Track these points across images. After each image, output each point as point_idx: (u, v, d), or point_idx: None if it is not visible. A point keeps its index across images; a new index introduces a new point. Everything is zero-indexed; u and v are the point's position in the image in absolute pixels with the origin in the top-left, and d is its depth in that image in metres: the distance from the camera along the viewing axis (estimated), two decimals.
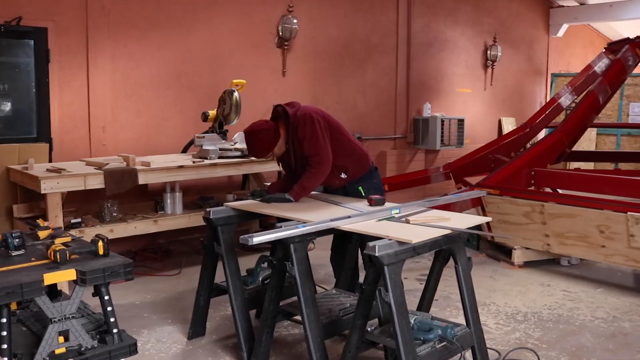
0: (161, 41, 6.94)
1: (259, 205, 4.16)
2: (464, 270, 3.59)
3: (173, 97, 7.08)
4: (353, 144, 4.40)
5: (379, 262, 3.07)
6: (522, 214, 5.89)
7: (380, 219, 3.59)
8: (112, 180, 5.32)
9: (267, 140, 4.18)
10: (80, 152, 6.45)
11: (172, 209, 6.00)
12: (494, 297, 5.33)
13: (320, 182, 4.26)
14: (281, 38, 7.90)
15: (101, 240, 3.32)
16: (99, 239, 3.33)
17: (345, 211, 3.88)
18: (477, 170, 7.92)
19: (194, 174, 5.82)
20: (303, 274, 3.54)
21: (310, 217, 3.68)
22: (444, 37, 10.23)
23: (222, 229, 4.03)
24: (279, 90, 7.92)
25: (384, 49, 9.31)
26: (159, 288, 5.56)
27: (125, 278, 3.25)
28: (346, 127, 8.78)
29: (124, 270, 3.20)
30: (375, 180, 4.48)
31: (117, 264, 3.21)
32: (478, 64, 10.91)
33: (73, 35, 6.34)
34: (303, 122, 4.16)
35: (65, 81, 6.33)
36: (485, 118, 11.17)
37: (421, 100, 9.90)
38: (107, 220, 5.59)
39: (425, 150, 9.90)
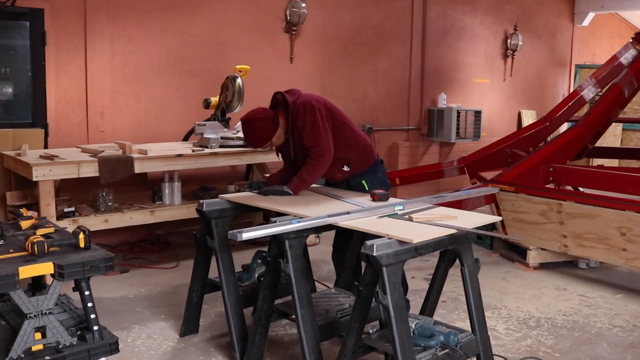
0: (163, 24, 6.67)
1: (254, 198, 3.89)
2: (470, 272, 3.29)
3: (175, 82, 6.81)
4: (357, 134, 4.12)
5: (377, 263, 2.79)
6: (538, 213, 5.57)
7: (382, 215, 3.30)
8: (107, 169, 5.08)
9: (265, 129, 3.90)
10: (77, 138, 6.22)
11: (170, 200, 5.76)
12: (505, 300, 5.02)
13: (320, 174, 3.98)
14: (289, 23, 7.60)
15: (82, 233, 3.08)
16: (80, 231, 3.09)
17: (345, 206, 3.60)
18: (493, 165, 7.59)
19: (193, 163, 5.56)
20: (298, 272, 3.27)
21: (307, 211, 3.41)
22: (461, 24, 9.87)
23: (215, 222, 3.77)
24: (286, 78, 7.63)
25: (397, 37, 8.98)
26: (154, 281, 5.32)
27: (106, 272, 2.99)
28: (356, 117, 8.68)
29: (105, 265, 2.96)
30: (380, 174, 4.18)
31: (97, 257, 2.97)
32: (497, 54, 10.54)
33: (70, 17, 6.09)
34: (303, 110, 3.87)
35: (62, 65, 6.09)
36: (504, 110, 10.80)
37: (436, 90, 9.55)
38: (102, 210, 5.36)
39: (439, 143, 9.57)
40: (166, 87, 6.76)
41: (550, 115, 7.54)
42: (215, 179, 6.90)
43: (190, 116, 6.69)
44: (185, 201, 5.84)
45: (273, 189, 3.94)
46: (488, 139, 9.77)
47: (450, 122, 9.18)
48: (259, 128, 3.88)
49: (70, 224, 5.08)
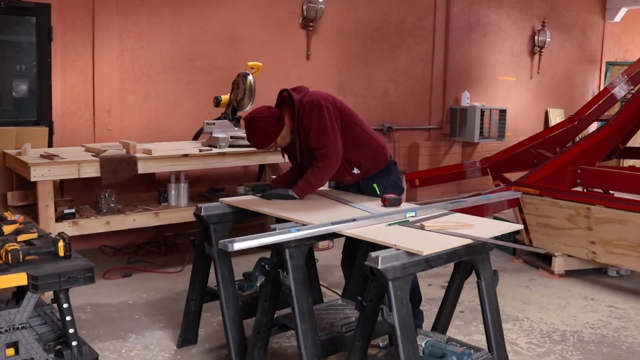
0: (174, 19, 6.44)
1: (255, 203, 3.62)
2: (487, 285, 2.99)
3: (186, 80, 6.58)
4: (368, 135, 3.83)
5: (382, 277, 2.51)
6: (564, 218, 5.23)
7: (391, 223, 3.01)
8: (109, 169, 4.86)
9: (269, 128, 3.63)
10: (84, 137, 6.02)
11: (176, 201, 5.52)
12: (528, 310, 4.70)
13: (327, 177, 3.70)
14: (306, 18, 7.33)
15: (62, 240, 2.85)
16: (59, 239, 2.85)
17: (353, 212, 3.32)
18: (517, 166, 7.24)
19: (200, 163, 5.32)
20: (299, 284, 3.00)
21: (311, 218, 3.13)
22: (487, 20, 9.51)
23: (214, 227, 3.52)
24: (302, 75, 7.36)
25: (419, 33, 8.66)
26: (156, 287, 5.08)
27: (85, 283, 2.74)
28: (375, 116, 8.39)
29: (84, 276, 2.72)
30: (392, 177, 3.88)
31: (76, 268, 2.74)
32: (524, 51, 10.16)
33: (78, 12, 5.89)
34: (310, 109, 3.60)
35: (68, 61, 5.89)
36: (530, 109, 10.42)
37: (459, 88, 9.22)
38: (104, 212, 5.13)
39: (462, 143, 9.23)
40: (177, 84, 6.53)
41: (579, 114, 7.18)
42: (226, 180, 6.67)
43: (202, 114, 6.45)
44: (192, 203, 5.59)
45: (277, 192, 3.68)
46: (513, 138, 9.42)
47: (473, 121, 8.85)
48: (262, 127, 3.62)
49: (70, 226, 4.88)
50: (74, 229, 4.92)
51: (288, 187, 3.78)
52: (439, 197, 8.75)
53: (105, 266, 5.54)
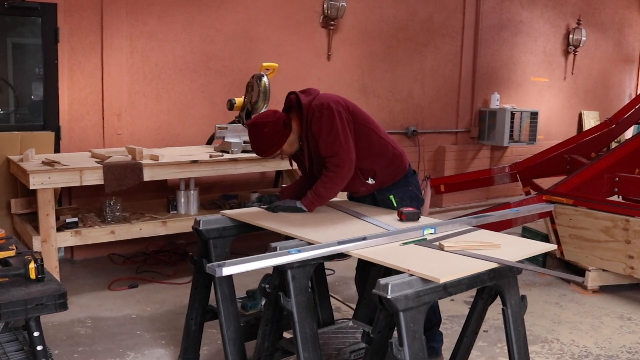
0: (187, 19, 6.17)
1: (259, 216, 3.30)
2: (514, 313, 2.64)
3: (199, 82, 6.30)
4: (384, 141, 3.47)
5: (392, 307, 2.18)
6: (600, 229, 4.83)
7: (406, 242, 2.67)
8: (113, 176, 4.61)
9: (274, 135, 3.31)
10: (92, 142, 5.79)
11: (185, 209, 5.26)
12: (558, 331, 4.31)
13: (339, 188, 3.36)
14: (327, 17, 7.00)
15: (33, 262, 2.55)
16: (30, 260, 2.56)
17: (365, 227, 2.99)
18: (549, 172, 6.89)
19: (210, 170, 5.03)
20: (302, 308, 2.68)
21: (318, 235, 2.81)
22: (518, 18, 9.08)
23: (214, 242, 3.22)
24: (323, 77, 7.05)
25: (447, 32, 8.28)
26: (163, 299, 4.80)
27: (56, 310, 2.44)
28: (400, 119, 8.02)
29: (55, 303, 2.41)
30: (411, 188, 3.53)
31: (45, 293, 2.43)
32: (557, 50, 9.70)
33: (86, 12, 5.65)
34: (319, 113, 3.27)
35: (76, 63, 5.65)
36: (564, 111, 9.96)
37: (489, 90, 8.82)
38: (109, 221, 4.88)
39: (491, 147, 8.82)
40: (190, 86, 6.26)
41: (616, 117, 6.78)
42: (241, 186, 6.39)
43: (216, 118, 6.18)
44: (202, 211, 5.34)
45: (284, 204, 3.36)
46: (545, 142, 9.05)
47: (503, 124, 8.45)
48: (267, 133, 3.30)
49: (73, 236, 4.66)
50: (76, 238, 4.68)
51: (297, 197, 3.47)
52: (465, 203, 8.38)
53: (112, 276, 5.30)
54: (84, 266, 5.66)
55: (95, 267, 5.63)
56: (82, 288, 5.03)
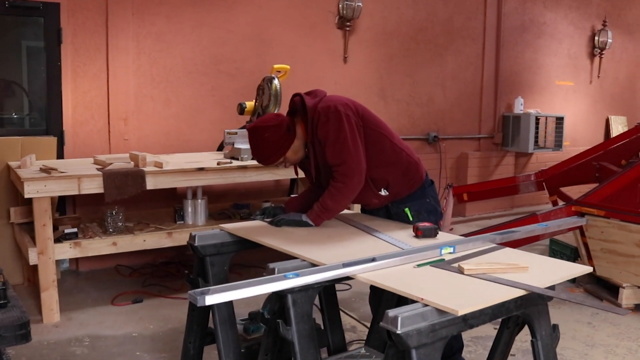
0: (197, 19, 5.92)
1: (259, 231, 3.01)
2: (545, 346, 2.32)
3: (210, 85, 6.05)
4: (398, 148, 3.17)
5: (403, 344, 1.88)
6: (635, 243, 4.48)
7: (422, 263, 2.37)
8: (113, 185, 4.36)
9: (276, 141, 3.02)
10: (98, 147, 5.56)
11: (193, 219, 5.00)
12: (591, 355, 3.96)
13: (348, 201, 3.07)
14: (342, 17, 6.73)
15: None
16: None
17: (377, 245, 2.69)
18: (576, 180, 6.55)
19: (218, 178, 4.77)
20: (304, 337, 2.38)
21: (324, 254, 2.52)
22: (542, 20, 8.74)
23: (211, 260, 2.94)
24: (339, 80, 6.77)
25: (468, 34, 7.96)
26: (167, 315, 4.53)
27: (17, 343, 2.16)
28: (420, 124, 7.70)
29: (15, 334, 2.12)
30: (428, 200, 3.22)
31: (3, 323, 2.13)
32: (583, 53, 9.33)
33: (90, 12, 5.44)
34: (325, 117, 2.97)
35: (80, 65, 5.43)
36: (590, 116, 9.57)
37: (512, 94, 8.48)
38: (110, 231, 4.63)
39: (515, 154, 8.47)
40: (200, 90, 6.01)
41: None
42: (254, 194, 6.13)
43: (228, 123, 5.94)
44: (211, 221, 5.07)
45: (288, 218, 3.07)
46: (571, 148, 8.69)
47: (527, 129, 8.10)
48: (268, 139, 3.01)
49: (72, 247, 4.43)
50: (75, 250, 4.45)
51: (304, 210, 3.19)
52: (489, 212, 8.05)
53: (117, 289, 5.05)
54: (88, 278, 5.42)
55: (100, 279, 5.39)
56: (84, 302, 4.78)
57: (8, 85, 5.45)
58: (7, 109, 5.48)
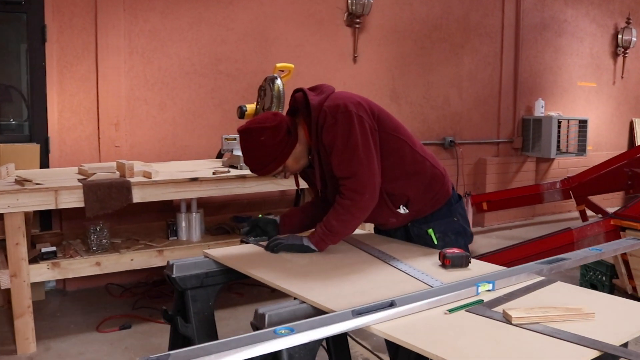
0: (194, 15, 5.46)
1: (251, 260, 2.49)
2: None
3: (209, 87, 5.58)
4: (421, 157, 2.64)
5: None
6: None
7: (454, 308, 1.87)
8: (95, 198, 3.89)
9: (274, 145, 2.50)
10: (87, 155, 5.11)
11: (187, 235, 4.53)
12: None
13: (358, 222, 2.55)
14: (351, 14, 6.25)
15: None
16: None
17: (395, 278, 2.19)
18: (607, 188, 6.07)
19: (214, 189, 4.29)
20: None
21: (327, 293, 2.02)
22: (562, 17, 8.22)
23: (193, 294, 2.43)
24: (348, 81, 6.29)
25: (485, 32, 7.46)
26: (156, 345, 4.05)
27: None
28: (435, 128, 7.22)
29: None
30: (456, 219, 2.69)
31: None
32: (605, 52, 8.81)
33: (77, 8, 5.01)
34: (332, 119, 2.45)
35: (66, 66, 4.99)
36: (614, 119, 9.04)
37: (532, 96, 7.97)
38: (94, 250, 4.16)
39: (535, 159, 7.95)
40: (197, 92, 5.55)
41: None
42: (258, 205, 5.68)
43: (229, 127, 5.48)
44: (207, 237, 4.61)
45: (287, 242, 2.56)
46: (594, 153, 8.17)
47: (549, 133, 7.59)
48: (264, 144, 2.49)
49: (50, 269, 3.94)
50: (54, 272, 3.98)
51: (303, 227, 2.71)
52: (509, 221, 7.55)
53: (105, 312, 4.59)
54: (75, 299, 4.96)
55: (88, 300, 4.93)
56: (67, 329, 4.30)
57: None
58: (16, 116, 5.06)
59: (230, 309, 4.63)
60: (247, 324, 4.23)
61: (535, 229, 7.45)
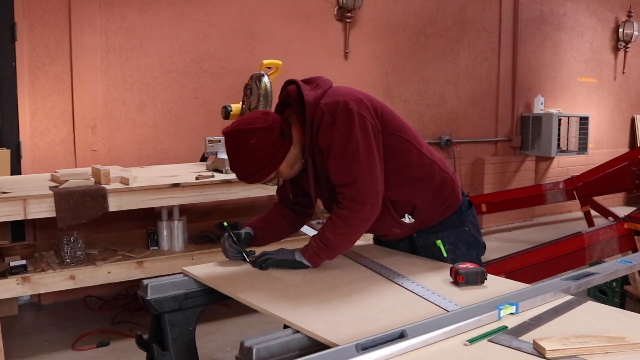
0: (175, 11, 5.15)
1: (237, 279, 2.19)
2: None
3: (191, 86, 5.28)
4: (429, 160, 2.34)
5: None
6: None
7: (476, 338, 1.57)
8: (67, 207, 3.57)
9: (266, 149, 2.18)
10: (61, 160, 4.80)
11: (169, 244, 4.20)
12: None
13: (357, 235, 2.22)
14: (342, 8, 5.95)
15: None
16: None
17: (401, 300, 1.89)
18: (613, 189, 5.85)
19: (197, 195, 3.97)
20: None
21: (325, 319, 1.72)
22: (562, 10, 7.96)
23: (171, 318, 2.12)
24: (340, 78, 5.93)
25: (482, 26, 7.18)
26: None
27: None
28: (431, 127, 6.91)
29: None
30: (467, 228, 2.39)
31: None
32: (606, 47, 8.55)
33: (50, 4, 4.70)
34: (331, 118, 2.15)
35: (39, 66, 4.67)
36: (615, 116, 8.78)
37: (531, 92, 7.70)
38: (67, 262, 3.83)
39: (535, 158, 7.67)
40: (180, 92, 5.23)
41: None
42: (244, 210, 5.38)
43: (213, 129, 5.18)
44: (190, 246, 4.29)
45: (276, 257, 2.24)
46: (595, 152, 7.91)
47: (549, 131, 7.32)
48: (255, 148, 2.18)
49: (19, 284, 3.60)
50: (24, 287, 3.64)
51: (277, 234, 2.46)
52: (508, 222, 7.29)
53: (82, 327, 4.26)
54: (51, 313, 4.63)
55: (65, 314, 4.60)
56: (40, 347, 3.98)
57: None
58: None
59: (217, 322, 4.31)
60: (234, 339, 3.94)
61: (536, 230, 7.19)
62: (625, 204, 8.58)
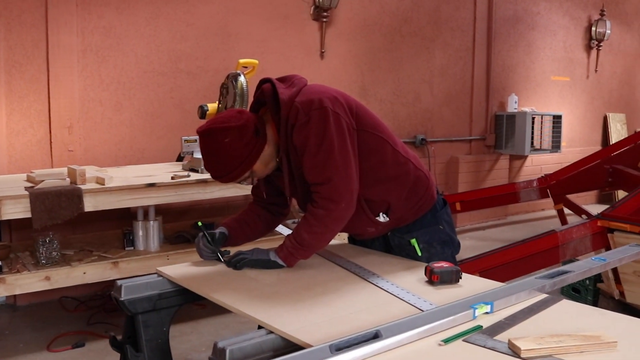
0: (151, 11, 5.13)
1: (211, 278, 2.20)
2: None
3: (168, 86, 5.26)
4: (403, 159, 2.37)
5: None
6: None
7: (451, 337, 1.59)
8: (43, 208, 3.54)
9: (240, 148, 2.19)
10: (38, 160, 4.76)
11: (144, 244, 4.19)
12: None
13: (332, 234, 2.25)
14: (318, 7, 5.96)
15: None
16: None
17: (376, 299, 1.92)
18: (586, 187, 5.91)
19: (173, 195, 3.97)
20: None
21: (299, 320, 1.74)
22: (535, 9, 8.05)
23: (145, 319, 2.12)
24: (316, 78, 5.95)
25: (457, 25, 7.24)
26: None
27: None
28: (406, 126, 6.93)
29: None
30: (442, 227, 2.42)
31: None
32: (579, 45, 8.66)
33: (26, 3, 4.63)
34: (305, 116, 2.17)
35: (15, 65, 4.62)
36: (587, 114, 8.90)
37: (505, 91, 7.77)
38: (43, 263, 3.81)
39: (509, 156, 7.75)
40: (156, 91, 5.21)
41: None
42: (220, 209, 5.39)
43: (189, 128, 5.14)
44: (166, 246, 4.28)
45: (251, 257, 2.26)
46: (568, 150, 8.02)
47: (523, 130, 7.40)
48: (229, 147, 2.18)
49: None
50: (0, 288, 3.60)
51: (252, 234, 2.46)
52: (482, 221, 7.36)
53: (56, 329, 4.22)
54: (26, 314, 4.59)
55: (40, 315, 4.56)
56: (15, 349, 3.94)
57: None
58: None
59: (192, 323, 4.31)
60: (209, 340, 3.94)
61: (510, 229, 7.27)
62: (598, 202, 8.71)
